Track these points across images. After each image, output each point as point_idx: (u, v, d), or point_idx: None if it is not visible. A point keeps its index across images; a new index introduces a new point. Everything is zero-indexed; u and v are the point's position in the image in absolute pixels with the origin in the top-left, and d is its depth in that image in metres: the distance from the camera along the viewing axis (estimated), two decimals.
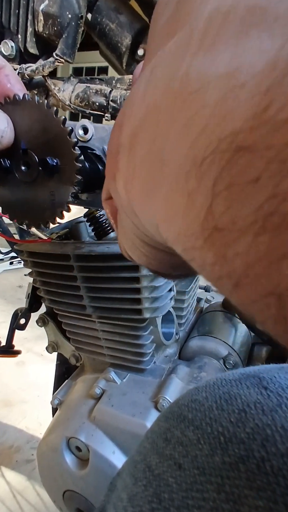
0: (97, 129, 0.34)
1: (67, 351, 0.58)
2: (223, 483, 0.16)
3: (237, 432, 0.18)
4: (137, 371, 0.49)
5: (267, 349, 0.56)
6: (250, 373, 0.23)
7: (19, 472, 1.02)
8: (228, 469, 0.16)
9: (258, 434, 0.17)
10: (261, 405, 0.19)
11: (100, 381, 0.48)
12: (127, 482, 0.20)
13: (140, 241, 0.14)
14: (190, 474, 0.17)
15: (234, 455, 0.17)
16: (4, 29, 0.46)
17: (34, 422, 1.22)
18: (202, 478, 0.17)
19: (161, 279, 0.41)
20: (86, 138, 0.34)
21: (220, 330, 0.57)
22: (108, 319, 0.45)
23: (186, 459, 0.18)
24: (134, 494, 0.19)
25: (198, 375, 0.48)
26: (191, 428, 0.20)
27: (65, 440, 0.45)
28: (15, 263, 2.67)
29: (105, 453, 0.42)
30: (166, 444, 0.20)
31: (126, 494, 0.19)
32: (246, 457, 0.16)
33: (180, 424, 0.21)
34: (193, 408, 0.21)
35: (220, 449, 0.17)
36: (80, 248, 0.41)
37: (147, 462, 0.20)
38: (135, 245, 0.15)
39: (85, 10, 0.43)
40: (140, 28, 0.44)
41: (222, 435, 0.18)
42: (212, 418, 0.20)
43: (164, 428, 0.22)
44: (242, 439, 0.17)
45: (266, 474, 0.15)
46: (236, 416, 0.19)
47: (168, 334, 0.51)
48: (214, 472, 0.17)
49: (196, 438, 0.19)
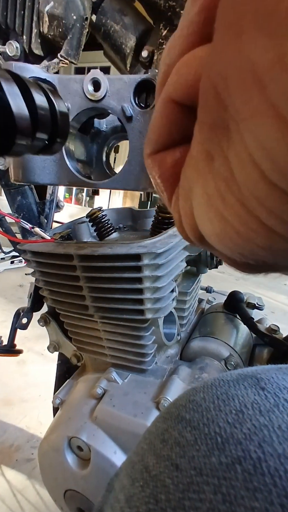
0: (112, 82, 0.26)
1: (69, 350, 0.58)
2: (219, 484, 0.16)
3: (234, 433, 0.18)
4: (139, 371, 0.49)
5: (268, 350, 0.56)
6: (248, 374, 0.23)
7: (19, 471, 1.02)
8: (225, 470, 0.16)
9: (255, 435, 0.17)
10: (258, 405, 0.19)
11: (101, 381, 0.48)
12: (124, 483, 0.20)
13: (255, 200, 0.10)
14: (187, 475, 0.17)
15: (231, 456, 0.17)
16: (9, 30, 0.47)
17: (35, 421, 1.22)
18: (199, 479, 0.17)
19: (164, 279, 0.41)
20: (98, 96, 0.26)
21: (222, 331, 0.57)
22: (110, 319, 0.45)
23: (183, 459, 0.18)
24: (131, 495, 0.19)
25: (199, 376, 0.48)
26: (189, 428, 0.20)
27: (66, 439, 0.45)
28: (16, 262, 2.67)
29: (107, 453, 0.43)
30: (163, 445, 0.20)
31: (124, 495, 0.19)
32: (243, 457, 0.16)
33: (177, 424, 0.21)
34: (191, 409, 0.21)
35: (217, 450, 0.17)
36: (83, 248, 0.42)
37: (145, 463, 0.20)
38: (234, 212, 0.11)
39: (90, 12, 0.43)
40: (144, 30, 0.44)
41: (219, 435, 0.18)
42: (210, 418, 0.20)
43: (162, 429, 0.21)
44: (239, 440, 0.17)
45: (262, 475, 0.15)
46: (233, 416, 0.19)
47: (170, 334, 0.51)
48: (211, 473, 0.17)
49: (193, 439, 0.19)
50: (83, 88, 0.26)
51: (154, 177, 0.14)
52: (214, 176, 0.11)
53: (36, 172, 0.29)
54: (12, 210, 0.67)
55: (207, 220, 0.12)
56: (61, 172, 0.29)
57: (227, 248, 0.12)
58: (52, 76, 0.27)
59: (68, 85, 0.27)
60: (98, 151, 0.41)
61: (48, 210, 0.70)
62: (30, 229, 0.46)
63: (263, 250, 0.11)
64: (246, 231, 0.11)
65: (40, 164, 0.29)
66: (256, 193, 0.10)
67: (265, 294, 3.72)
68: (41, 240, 0.45)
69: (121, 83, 0.26)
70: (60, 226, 0.57)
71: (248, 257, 0.12)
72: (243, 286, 4.02)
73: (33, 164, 0.28)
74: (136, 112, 0.27)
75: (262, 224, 0.10)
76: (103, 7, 0.44)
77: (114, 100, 0.26)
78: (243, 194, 0.10)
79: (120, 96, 0.26)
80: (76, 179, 0.29)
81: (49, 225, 0.72)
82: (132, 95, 0.27)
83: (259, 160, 0.09)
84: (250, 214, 0.10)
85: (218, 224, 0.11)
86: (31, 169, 0.29)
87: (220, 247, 0.13)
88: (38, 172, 0.29)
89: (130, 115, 0.27)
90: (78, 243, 0.45)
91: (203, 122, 0.11)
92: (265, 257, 0.11)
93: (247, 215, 0.10)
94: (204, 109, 0.11)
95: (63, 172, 0.29)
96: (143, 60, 0.44)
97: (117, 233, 0.59)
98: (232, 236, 0.11)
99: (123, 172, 0.28)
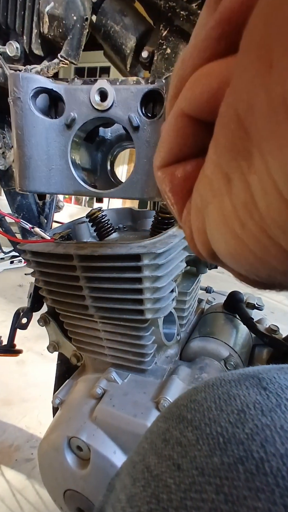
0: (118, 92, 0.26)
1: (68, 350, 0.58)
2: (222, 484, 0.16)
3: (236, 433, 0.18)
4: (139, 371, 0.49)
5: (268, 350, 0.56)
6: (250, 374, 0.23)
7: (18, 471, 1.02)
8: (227, 469, 0.16)
9: (257, 435, 0.17)
10: (260, 405, 0.19)
11: (101, 381, 0.48)
12: (125, 483, 0.20)
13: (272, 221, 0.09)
14: (189, 475, 0.17)
15: (233, 456, 0.17)
16: (9, 30, 0.47)
17: (34, 421, 1.22)
18: (200, 479, 0.17)
19: (164, 279, 0.41)
20: (105, 106, 0.26)
21: (221, 331, 0.57)
22: (110, 319, 0.45)
23: (185, 459, 0.18)
24: (133, 495, 0.19)
25: (199, 376, 0.48)
26: (190, 428, 0.20)
27: (66, 439, 0.45)
28: (15, 262, 2.67)
29: (106, 453, 0.43)
30: (165, 444, 0.20)
31: (125, 495, 0.19)
32: (245, 457, 0.16)
33: (179, 424, 0.21)
34: (192, 409, 0.21)
35: (219, 450, 0.17)
36: (83, 248, 0.42)
37: (146, 462, 0.20)
38: (252, 236, 0.10)
39: (90, 12, 0.43)
40: (144, 31, 0.44)
41: (221, 435, 0.18)
42: (211, 418, 0.20)
43: (163, 429, 0.21)
44: (241, 440, 0.17)
45: (265, 475, 0.15)
46: (235, 416, 0.19)
47: (170, 334, 0.51)
48: (213, 473, 0.17)
49: (195, 439, 0.19)
50: (89, 98, 0.26)
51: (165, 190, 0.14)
52: (232, 199, 0.11)
53: (42, 181, 0.29)
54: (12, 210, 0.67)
55: (222, 239, 0.12)
56: (67, 182, 0.29)
57: (242, 268, 0.12)
58: (58, 86, 0.27)
59: (74, 95, 0.27)
60: (102, 159, 0.41)
61: (48, 210, 0.70)
62: (30, 229, 0.46)
63: (282, 274, 0.11)
64: (265, 256, 0.10)
65: (46, 174, 0.29)
66: (279, 221, 0.09)
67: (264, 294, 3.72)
68: (41, 240, 0.46)
69: (128, 93, 0.26)
70: (60, 226, 0.57)
71: (263, 278, 0.12)
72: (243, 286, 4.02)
73: (39, 173, 0.28)
74: (143, 122, 0.27)
75: (283, 250, 0.10)
76: (103, 7, 0.44)
77: (121, 110, 0.26)
78: (264, 220, 0.10)
79: (126, 106, 0.26)
80: (82, 189, 0.29)
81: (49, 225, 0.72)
82: (139, 105, 0.27)
83: (285, 189, 0.09)
84: (270, 240, 0.10)
85: (234, 245, 0.11)
86: (37, 179, 0.29)
87: (234, 267, 0.12)
88: (44, 181, 0.29)
89: (137, 125, 0.27)
90: (78, 243, 0.45)
91: (220, 144, 0.11)
92: (282, 279, 0.11)
93: (268, 241, 0.10)
94: (223, 132, 0.10)
95: (69, 181, 0.29)
96: (143, 60, 0.44)
97: (117, 233, 0.59)
98: (249, 258, 0.11)
99: (129, 181, 0.28)
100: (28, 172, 0.28)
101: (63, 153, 0.28)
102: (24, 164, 0.28)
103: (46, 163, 0.28)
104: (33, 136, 0.27)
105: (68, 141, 0.28)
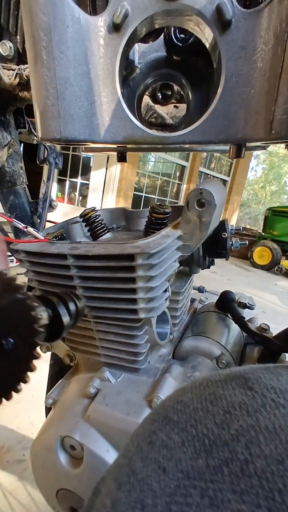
0: None
1: (61, 350, 0.58)
2: (206, 487, 0.16)
3: (221, 434, 0.18)
4: (132, 370, 0.49)
5: (258, 349, 0.57)
6: (236, 374, 0.23)
7: (10, 472, 1.02)
8: (212, 472, 0.16)
9: (242, 436, 0.17)
10: (245, 406, 0.19)
11: (94, 381, 0.48)
12: (110, 487, 0.20)
13: None
14: (174, 478, 0.17)
15: (218, 458, 0.17)
16: (2, 30, 0.46)
17: (26, 422, 1.21)
18: (186, 482, 0.16)
19: (157, 279, 0.41)
20: None
21: (213, 330, 0.58)
22: (103, 319, 0.46)
23: (170, 462, 0.18)
24: (117, 500, 0.18)
25: (191, 374, 0.48)
26: (176, 430, 0.20)
27: (59, 439, 0.45)
28: None
29: (99, 451, 0.43)
30: (150, 447, 0.20)
31: (110, 500, 0.19)
32: (230, 459, 0.16)
33: (165, 426, 0.21)
34: (179, 410, 0.21)
35: (204, 452, 0.17)
36: (77, 248, 0.42)
37: (131, 466, 0.20)
38: None
39: None
40: None
41: (207, 437, 0.18)
42: (197, 420, 0.19)
43: (149, 431, 0.21)
44: (226, 441, 0.17)
45: (249, 477, 0.15)
46: (221, 417, 0.19)
47: (163, 334, 0.52)
48: (198, 476, 0.16)
49: (180, 441, 0.19)
50: None
51: None
52: None
53: (82, 121, 0.22)
54: (5, 209, 0.67)
55: None
56: (116, 122, 0.22)
57: None
58: None
59: None
60: (129, 95, 0.31)
61: (41, 209, 0.70)
62: (23, 229, 0.46)
63: None
64: None
65: (86, 111, 0.21)
66: None
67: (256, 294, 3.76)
68: (34, 240, 0.46)
69: None
70: (54, 226, 0.57)
71: None
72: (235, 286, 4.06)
73: (77, 109, 0.21)
74: (239, 14, 0.17)
75: None
76: None
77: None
78: None
79: None
80: (137, 132, 0.22)
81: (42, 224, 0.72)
82: None
83: None
84: None
85: None
86: (74, 118, 0.21)
87: None
88: (84, 121, 0.22)
89: (230, 18, 0.17)
90: (71, 243, 0.45)
91: None
92: None
93: None
94: None
95: (118, 121, 0.22)
96: None
97: (110, 233, 0.59)
98: None
99: (212, 116, 0.20)
100: (59, 108, 0.19)
101: (108, 75, 0.19)
102: (52, 96, 0.19)
103: (85, 91, 0.19)
104: (64, 44, 0.18)
105: (117, 53, 0.19)
